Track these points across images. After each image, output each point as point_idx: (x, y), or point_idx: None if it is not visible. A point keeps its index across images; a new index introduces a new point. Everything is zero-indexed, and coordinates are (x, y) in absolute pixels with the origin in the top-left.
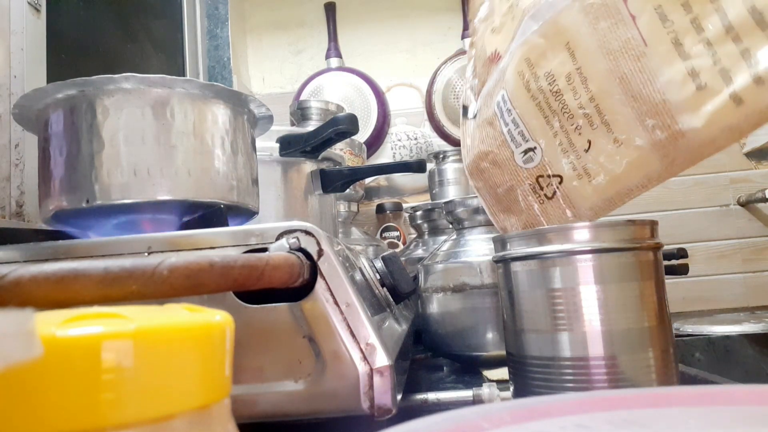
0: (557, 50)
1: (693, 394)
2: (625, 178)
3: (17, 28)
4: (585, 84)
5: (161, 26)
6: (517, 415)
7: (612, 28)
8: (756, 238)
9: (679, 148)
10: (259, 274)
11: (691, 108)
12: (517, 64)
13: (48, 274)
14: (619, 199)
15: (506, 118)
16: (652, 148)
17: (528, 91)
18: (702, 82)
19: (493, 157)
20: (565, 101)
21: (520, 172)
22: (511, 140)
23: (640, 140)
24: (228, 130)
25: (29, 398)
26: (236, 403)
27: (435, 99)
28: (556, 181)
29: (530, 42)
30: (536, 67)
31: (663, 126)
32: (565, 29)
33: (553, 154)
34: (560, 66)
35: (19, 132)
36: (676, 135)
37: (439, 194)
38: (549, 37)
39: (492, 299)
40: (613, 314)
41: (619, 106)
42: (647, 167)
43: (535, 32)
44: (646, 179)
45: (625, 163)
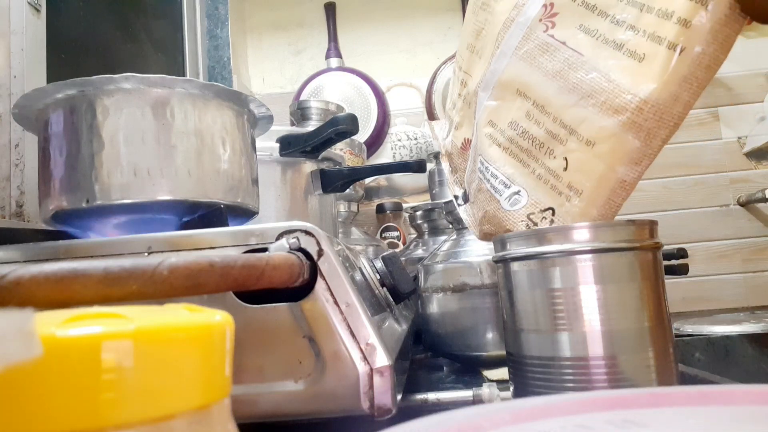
0: (511, 100)
1: (693, 394)
2: (610, 171)
3: (17, 28)
4: (544, 110)
5: (161, 26)
6: (517, 415)
7: (549, 58)
8: (756, 238)
9: (647, 117)
10: (259, 274)
11: (642, 77)
12: (483, 129)
13: (48, 274)
14: (617, 197)
15: (486, 175)
16: (623, 129)
17: (499, 146)
18: (641, 54)
19: (489, 216)
20: (533, 135)
21: (511, 216)
22: (495, 191)
23: (609, 128)
24: (228, 130)
25: (29, 398)
26: (236, 403)
27: (435, 99)
28: (549, 215)
29: (488, 107)
30: (499, 124)
31: (625, 104)
32: (512, 80)
33: (537, 192)
34: (518, 111)
35: (19, 132)
36: (640, 105)
37: (439, 194)
38: (501, 95)
39: (492, 299)
40: (613, 314)
41: (580, 110)
42: (627, 149)
43: (488, 98)
44: (632, 162)
45: (605, 156)
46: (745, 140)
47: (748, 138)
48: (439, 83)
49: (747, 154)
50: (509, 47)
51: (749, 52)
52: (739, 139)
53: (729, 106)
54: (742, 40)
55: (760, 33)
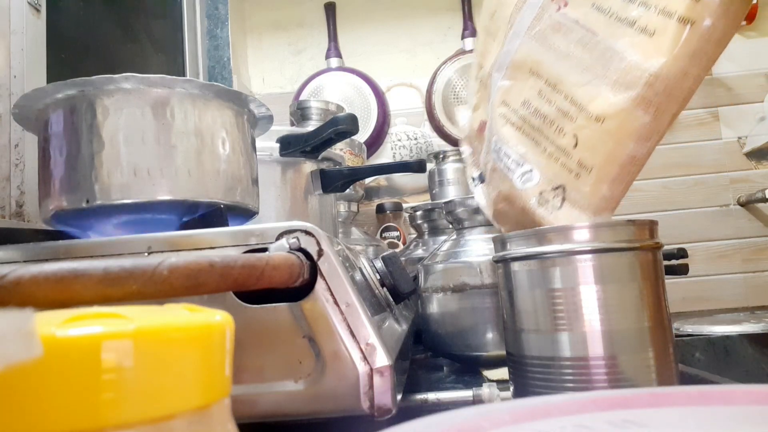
0: (524, 80)
1: (693, 394)
2: (619, 148)
3: (17, 28)
4: (555, 89)
5: (161, 26)
6: (517, 415)
7: (562, 37)
8: (756, 238)
9: (657, 92)
10: (259, 274)
11: (653, 51)
12: (497, 109)
13: (48, 274)
14: (627, 174)
15: (500, 155)
16: (633, 105)
17: (512, 126)
18: (652, 30)
19: (504, 194)
20: (544, 113)
21: (524, 194)
22: (508, 170)
23: (619, 104)
24: (228, 130)
25: (29, 398)
26: (236, 403)
27: (435, 99)
28: (560, 192)
29: (501, 88)
30: (512, 103)
31: (635, 80)
32: (525, 60)
33: (549, 170)
34: (530, 90)
35: (19, 132)
36: (649, 81)
37: (439, 194)
38: (514, 75)
39: (492, 299)
40: (613, 314)
41: (591, 88)
42: (636, 124)
43: (502, 78)
44: (642, 138)
45: (615, 132)
46: (745, 140)
47: (748, 138)
48: (439, 83)
49: (747, 154)
50: (522, 27)
51: (749, 52)
52: (739, 139)
53: (729, 106)
54: (742, 40)
55: (760, 33)
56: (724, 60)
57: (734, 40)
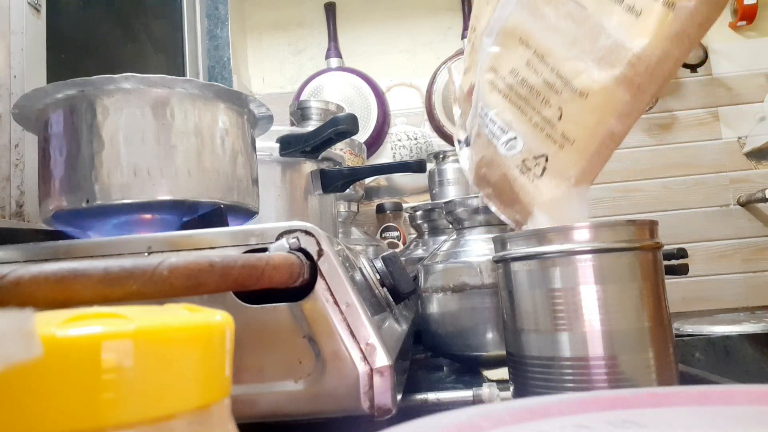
0: (513, 48)
1: (693, 394)
2: (601, 124)
3: (17, 28)
4: (543, 60)
5: (161, 26)
6: (517, 415)
7: (553, 9)
8: (756, 238)
9: (639, 72)
10: (259, 274)
11: (637, 33)
12: (485, 74)
13: (48, 274)
14: (606, 148)
15: (485, 120)
16: (615, 83)
17: (499, 93)
18: (639, 10)
19: (486, 160)
20: (531, 84)
21: (507, 161)
22: (493, 136)
23: (602, 81)
24: (228, 130)
25: (29, 398)
26: (236, 403)
27: (435, 99)
28: (542, 161)
29: (491, 53)
30: (500, 70)
31: (619, 59)
32: (515, 28)
33: (533, 140)
34: (519, 59)
35: (19, 132)
36: (632, 60)
37: (439, 194)
38: (504, 42)
39: (492, 299)
40: (613, 314)
41: (578, 63)
42: (617, 102)
43: (492, 44)
44: (622, 116)
45: (597, 108)
46: (745, 140)
47: (748, 138)
48: (439, 83)
49: (747, 154)
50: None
51: (749, 52)
52: (739, 139)
53: (729, 106)
54: (742, 39)
55: (760, 33)
56: (724, 60)
57: (734, 39)
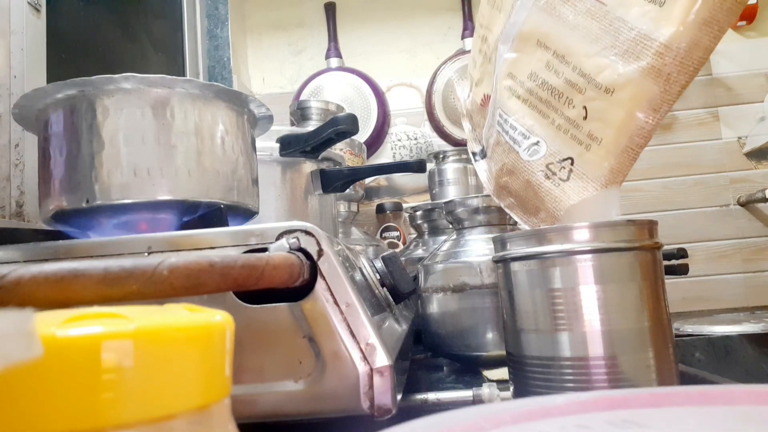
0: (531, 52)
1: (693, 394)
2: (629, 119)
3: (17, 28)
4: (564, 60)
5: (161, 26)
6: (517, 415)
7: (571, 8)
8: (756, 238)
9: (667, 62)
10: (259, 274)
11: (663, 21)
12: (503, 81)
13: (48, 274)
14: (635, 145)
15: (505, 127)
16: (643, 75)
17: (518, 98)
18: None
19: (507, 168)
20: (552, 85)
21: (530, 166)
22: (514, 143)
23: (628, 74)
24: (228, 130)
25: (29, 398)
26: (236, 403)
27: (435, 99)
28: (568, 164)
29: (507, 60)
30: (519, 76)
31: (645, 50)
32: (532, 32)
33: (557, 143)
34: (538, 62)
35: (19, 132)
36: (660, 50)
37: (439, 194)
38: (521, 48)
39: (492, 299)
40: (613, 314)
41: (601, 59)
42: (647, 95)
43: (509, 51)
44: (651, 109)
45: (625, 103)
46: (745, 140)
47: (748, 138)
48: (439, 83)
49: (747, 154)
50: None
51: (749, 52)
52: (739, 139)
53: (729, 106)
54: (742, 40)
55: (760, 33)
56: (724, 60)
57: (734, 40)
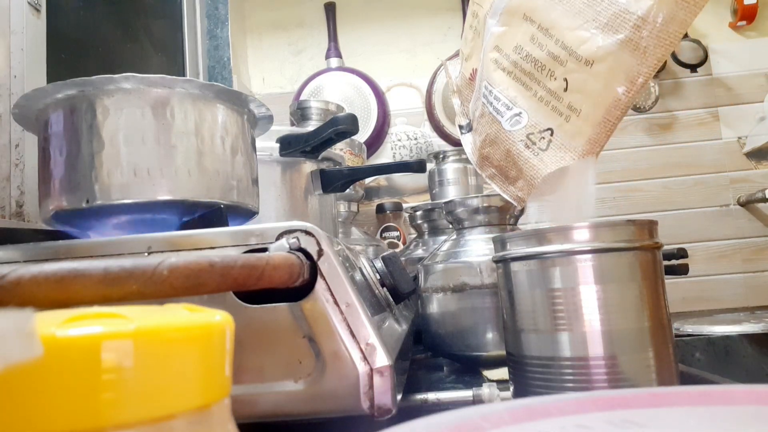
0: (518, 25)
1: (693, 394)
2: (607, 90)
3: (17, 28)
4: (547, 33)
5: (161, 26)
6: (517, 415)
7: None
8: (756, 238)
9: (644, 35)
10: (259, 274)
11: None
12: (489, 54)
13: (48, 274)
14: (612, 116)
15: (489, 98)
16: (621, 48)
17: (503, 71)
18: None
19: (490, 138)
20: (535, 58)
21: (511, 135)
22: (497, 113)
23: (607, 47)
24: (228, 130)
25: (29, 398)
26: (236, 403)
27: (435, 99)
28: (547, 134)
29: (495, 33)
30: (504, 49)
31: (624, 23)
32: (519, 6)
33: (538, 114)
34: (523, 35)
35: (19, 132)
36: (637, 23)
37: (439, 194)
38: (508, 21)
39: (492, 299)
40: (613, 314)
41: (582, 32)
42: (623, 67)
43: (496, 24)
44: (628, 82)
45: (603, 75)
46: (745, 140)
47: (748, 138)
48: (439, 83)
49: (747, 154)
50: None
51: (749, 52)
52: (739, 139)
53: (729, 106)
54: (742, 40)
55: (760, 33)
56: (724, 60)
57: (734, 39)
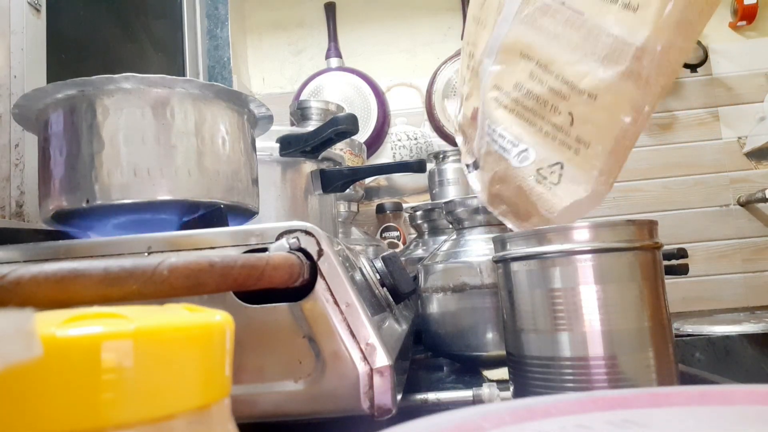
0: (515, 63)
1: (693, 394)
2: (614, 121)
3: (17, 28)
4: (546, 69)
5: (161, 26)
6: (517, 415)
7: (550, 19)
8: (756, 238)
9: (644, 65)
10: (259, 274)
11: (637, 26)
12: (489, 93)
13: (48, 274)
14: (622, 146)
15: (494, 137)
16: (623, 79)
17: (505, 108)
18: (635, 5)
19: (499, 176)
20: (537, 94)
21: (521, 172)
22: (504, 151)
23: (608, 79)
24: (228, 130)
25: (29, 398)
26: (236, 403)
27: (435, 99)
28: (557, 168)
29: (492, 72)
30: (504, 87)
31: (622, 54)
32: (515, 43)
33: (545, 149)
34: (522, 72)
35: (19, 132)
36: (636, 54)
37: (439, 194)
38: (505, 60)
39: (492, 299)
40: (613, 314)
41: (582, 66)
42: (628, 98)
43: (493, 63)
44: (634, 110)
45: (609, 106)
46: (745, 140)
47: (748, 138)
48: (439, 83)
49: (747, 154)
50: (510, 13)
51: (749, 52)
52: (739, 139)
53: (729, 106)
54: (742, 40)
55: (760, 33)
56: (724, 60)
57: (734, 40)
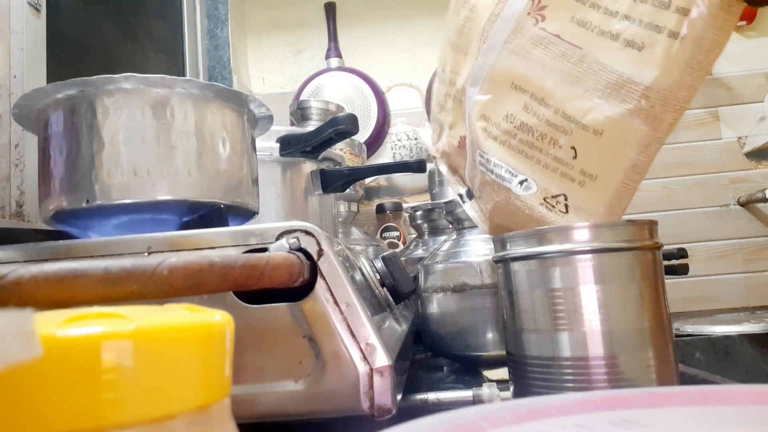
0: (506, 93)
1: (693, 394)
2: (621, 158)
3: (17, 28)
4: (544, 102)
5: (161, 26)
6: (517, 415)
7: (545, 51)
8: (756, 238)
9: (653, 103)
10: (259, 274)
11: (644, 65)
12: (476, 123)
13: (48, 274)
14: (630, 181)
15: (489, 166)
16: (631, 118)
17: (494, 140)
18: (640, 44)
19: (501, 206)
20: (532, 127)
21: (528, 201)
22: (502, 180)
23: (615, 116)
24: (228, 130)
25: (29, 398)
26: (236, 403)
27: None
28: (562, 199)
29: (478, 102)
30: (493, 117)
31: (630, 93)
32: (505, 74)
33: (546, 180)
34: (514, 104)
35: (19, 132)
36: (644, 92)
37: (439, 194)
38: (493, 89)
39: (492, 299)
40: (613, 314)
41: (585, 102)
42: (635, 135)
43: (479, 93)
44: (642, 148)
45: (615, 143)
46: (745, 140)
47: (748, 138)
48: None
49: (747, 154)
50: (497, 41)
51: (749, 52)
52: (739, 139)
53: (729, 106)
54: (742, 40)
55: (760, 33)
56: (724, 60)
57: (734, 39)
